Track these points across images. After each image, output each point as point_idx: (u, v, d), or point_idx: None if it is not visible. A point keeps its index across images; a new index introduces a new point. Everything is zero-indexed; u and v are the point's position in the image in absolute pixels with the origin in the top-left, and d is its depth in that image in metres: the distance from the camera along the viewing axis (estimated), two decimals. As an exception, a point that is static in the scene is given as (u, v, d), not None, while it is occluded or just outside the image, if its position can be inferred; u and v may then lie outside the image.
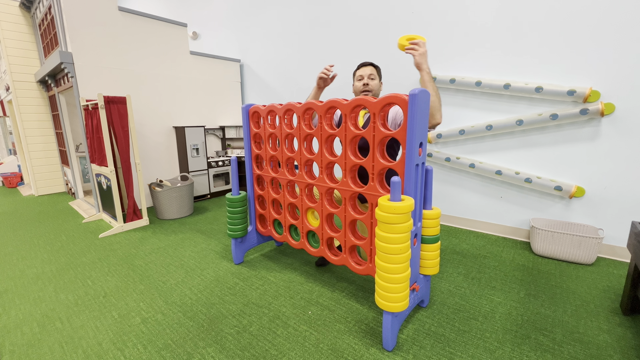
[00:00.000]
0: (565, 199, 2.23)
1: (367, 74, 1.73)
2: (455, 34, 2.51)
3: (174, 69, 3.59)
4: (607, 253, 2.11)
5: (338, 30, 3.23)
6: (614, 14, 1.91)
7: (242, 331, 1.43)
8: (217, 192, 4.00)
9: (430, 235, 1.43)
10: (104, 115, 2.62)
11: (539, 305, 1.59)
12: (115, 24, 3.08)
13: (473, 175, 2.61)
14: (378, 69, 1.80)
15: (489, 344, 1.32)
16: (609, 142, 2.02)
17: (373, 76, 1.74)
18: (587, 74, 2.03)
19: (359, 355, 1.27)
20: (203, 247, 2.38)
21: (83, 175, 4.03)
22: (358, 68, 1.80)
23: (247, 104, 1.91)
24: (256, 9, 3.95)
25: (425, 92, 1.20)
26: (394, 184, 1.13)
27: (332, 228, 1.64)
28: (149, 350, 1.32)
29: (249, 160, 2.00)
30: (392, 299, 1.20)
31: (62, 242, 2.57)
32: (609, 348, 1.29)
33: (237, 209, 1.97)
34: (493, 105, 2.42)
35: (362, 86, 1.73)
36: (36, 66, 4.11)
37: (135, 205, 2.92)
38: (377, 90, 1.77)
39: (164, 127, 3.58)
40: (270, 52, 3.94)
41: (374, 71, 1.75)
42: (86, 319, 1.55)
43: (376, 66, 1.79)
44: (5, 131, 6.45)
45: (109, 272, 2.02)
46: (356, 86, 1.77)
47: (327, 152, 1.54)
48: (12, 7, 3.94)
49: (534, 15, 2.16)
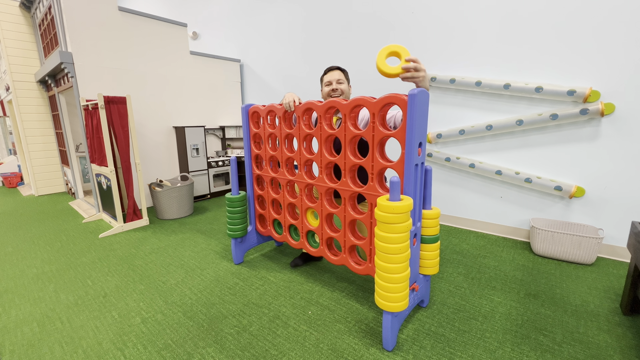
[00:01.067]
0: (565, 199, 2.22)
1: (335, 79, 1.72)
2: (455, 34, 2.51)
3: (174, 69, 3.59)
4: (607, 253, 2.11)
5: (338, 30, 3.23)
6: (614, 14, 1.91)
7: (242, 331, 1.43)
8: (217, 192, 4.00)
9: (430, 235, 1.43)
10: (104, 115, 2.62)
11: (539, 305, 1.59)
12: (115, 24, 3.08)
13: (473, 175, 2.61)
14: (345, 72, 1.80)
15: (489, 344, 1.32)
16: (609, 142, 2.02)
17: (341, 80, 1.74)
18: (587, 74, 2.03)
19: (359, 355, 1.27)
20: (203, 247, 2.38)
21: (83, 175, 4.03)
22: (325, 73, 1.79)
23: (246, 104, 1.91)
24: (256, 9, 3.95)
25: (424, 92, 1.20)
26: (393, 184, 1.13)
27: (331, 228, 1.64)
28: (149, 350, 1.32)
29: (249, 160, 2.00)
30: (392, 299, 1.20)
31: (62, 242, 2.57)
32: (609, 348, 1.29)
33: (236, 209, 1.97)
34: (493, 105, 2.42)
35: (330, 91, 1.71)
36: (36, 66, 4.11)
37: (135, 205, 2.92)
38: (347, 93, 1.76)
39: (164, 127, 3.58)
40: (270, 52, 3.94)
41: (341, 75, 1.75)
42: (86, 319, 1.55)
43: (343, 70, 1.79)
44: (5, 131, 6.45)
45: (109, 272, 2.02)
46: (324, 91, 1.76)
47: (327, 152, 1.54)
48: (12, 7, 3.94)
49: (534, 15, 2.16)
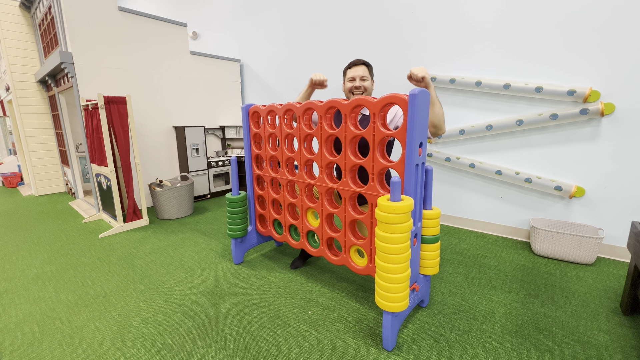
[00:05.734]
0: (565, 199, 2.22)
1: (360, 75, 1.61)
2: (455, 34, 2.51)
3: (174, 69, 3.59)
4: (607, 253, 2.11)
5: (338, 30, 3.23)
6: (614, 14, 1.91)
7: (242, 331, 1.43)
8: (217, 192, 4.00)
9: (430, 235, 1.43)
10: (104, 115, 2.62)
11: (539, 305, 1.59)
12: (115, 24, 3.08)
13: (473, 175, 2.61)
14: (370, 67, 1.67)
15: (489, 344, 1.32)
16: (609, 142, 2.02)
17: (365, 77, 1.62)
18: (587, 74, 2.03)
19: (359, 355, 1.27)
20: (203, 247, 2.38)
21: (83, 175, 4.03)
22: (349, 67, 1.67)
23: (247, 104, 1.91)
24: (256, 9, 3.95)
25: (425, 92, 1.20)
26: (394, 184, 1.13)
27: (332, 228, 1.64)
28: (149, 350, 1.32)
29: (249, 160, 2.00)
30: (392, 299, 1.20)
31: (62, 242, 2.57)
32: (609, 348, 1.29)
33: (237, 209, 1.97)
34: (493, 105, 2.42)
35: (353, 88, 1.62)
36: (36, 66, 4.11)
37: (135, 205, 2.92)
38: (370, 91, 1.66)
39: (164, 127, 3.58)
40: (270, 52, 3.93)
41: (366, 72, 1.63)
42: (86, 319, 1.55)
43: (368, 65, 1.66)
44: (5, 131, 6.45)
45: (109, 272, 2.02)
46: (347, 86, 1.65)
47: (327, 152, 1.54)
48: (12, 7, 3.93)
49: (534, 14, 2.16)
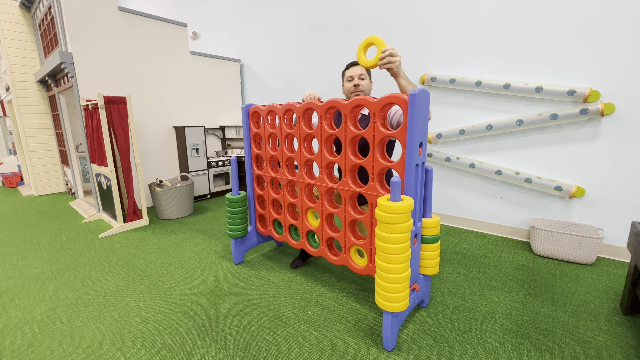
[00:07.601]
0: (565, 199, 2.22)
1: (357, 74, 1.66)
2: (455, 33, 2.51)
3: (174, 69, 3.59)
4: (607, 253, 2.11)
5: (338, 30, 3.23)
6: (614, 14, 1.91)
7: (242, 331, 1.43)
8: (217, 192, 4.00)
9: (430, 235, 1.43)
10: (104, 115, 2.62)
11: (539, 305, 1.59)
12: (115, 24, 3.08)
13: (473, 175, 2.61)
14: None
15: (489, 344, 1.32)
16: (609, 142, 2.02)
17: (363, 76, 1.67)
18: (587, 74, 2.03)
19: (359, 355, 1.27)
20: (203, 247, 2.38)
21: (83, 175, 4.03)
22: (347, 68, 1.72)
23: (247, 104, 1.91)
24: (256, 9, 3.95)
25: (425, 92, 1.20)
26: (394, 184, 1.13)
27: (332, 228, 1.64)
28: (149, 350, 1.32)
29: (249, 160, 2.00)
30: (392, 299, 1.20)
31: (62, 242, 2.57)
32: (609, 348, 1.29)
33: (237, 209, 1.97)
34: (493, 105, 2.42)
35: (352, 87, 1.67)
36: (36, 66, 4.11)
37: (135, 205, 2.92)
38: (368, 89, 1.71)
39: (164, 127, 3.58)
40: (271, 52, 3.94)
41: (363, 71, 1.68)
42: (86, 319, 1.55)
43: None
44: (5, 131, 6.44)
45: (109, 272, 2.02)
46: (346, 87, 1.71)
47: (327, 152, 1.54)
48: (12, 7, 3.93)
49: (534, 14, 2.16)
